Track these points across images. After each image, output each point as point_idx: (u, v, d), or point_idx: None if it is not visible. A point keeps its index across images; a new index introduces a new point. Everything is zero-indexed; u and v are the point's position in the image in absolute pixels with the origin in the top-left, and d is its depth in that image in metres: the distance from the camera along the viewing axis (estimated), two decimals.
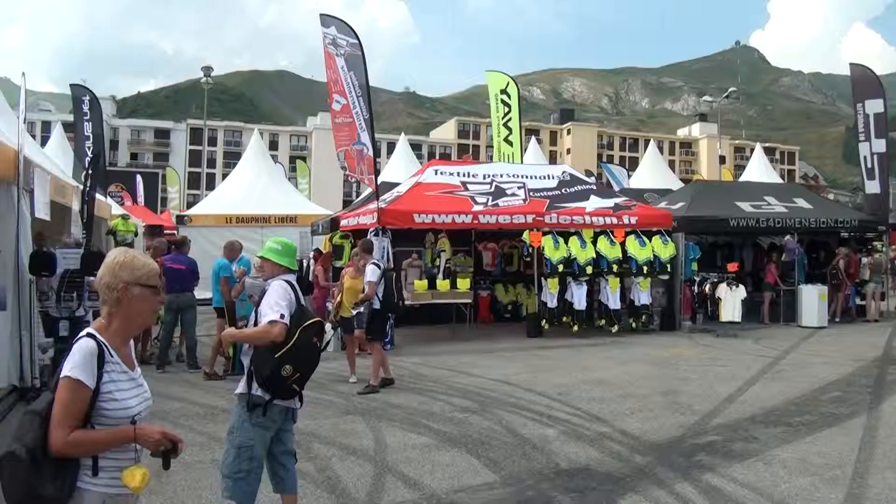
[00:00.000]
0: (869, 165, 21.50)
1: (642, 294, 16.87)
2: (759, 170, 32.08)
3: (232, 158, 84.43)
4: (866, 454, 7.38)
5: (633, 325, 16.94)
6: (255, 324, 4.82)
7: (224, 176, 35.60)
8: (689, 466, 6.90)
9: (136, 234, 19.04)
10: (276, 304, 4.69)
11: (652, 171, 33.04)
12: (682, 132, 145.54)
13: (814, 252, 20.54)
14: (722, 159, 59.08)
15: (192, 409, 9.24)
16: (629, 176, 37.03)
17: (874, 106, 21.30)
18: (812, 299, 18.27)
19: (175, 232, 21.32)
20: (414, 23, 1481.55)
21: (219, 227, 22.97)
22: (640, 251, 16.63)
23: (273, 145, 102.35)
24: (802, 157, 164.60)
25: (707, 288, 17.59)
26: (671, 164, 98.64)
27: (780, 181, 39.20)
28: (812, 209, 20.22)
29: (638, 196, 22.38)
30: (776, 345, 15.23)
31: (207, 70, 41.41)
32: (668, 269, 17.10)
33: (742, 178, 32.16)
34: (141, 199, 36.13)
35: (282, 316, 4.63)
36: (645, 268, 16.67)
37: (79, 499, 2.76)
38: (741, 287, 16.96)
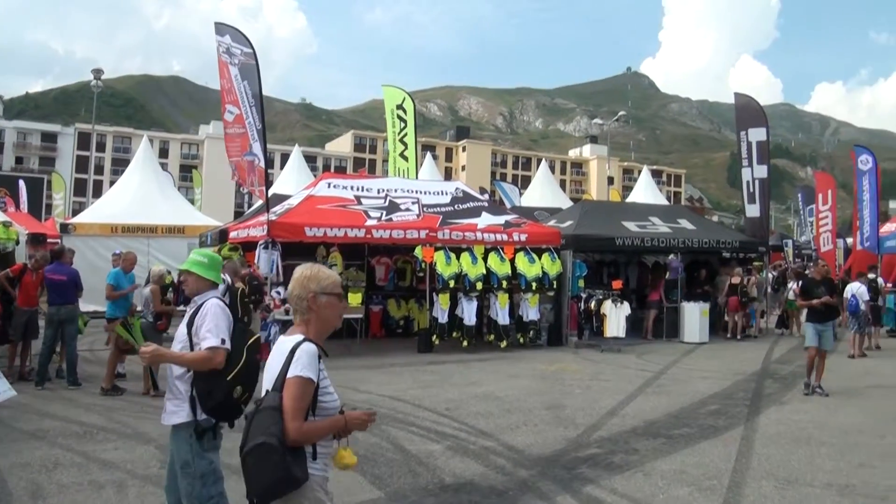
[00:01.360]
0: (751, 190, 22.53)
1: (531, 310, 17.16)
2: (646, 191, 33.10)
3: (120, 165, 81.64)
4: (742, 464, 7.71)
5: (522, 340, 17.17)
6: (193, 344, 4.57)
7: (112, 183, 34.47)
8: (571, 479, 7.05)
9: (17, 243, 18.18)
10: (216, 327, 4.47)
11: (543, 190, 33.68)
12: (573, 153, 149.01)
13: (695, 271, 21.32)
14: (610, 180, 60.65)
15: (71, 429, 8.86)
16: (521, 194, 37.72)
17: (757, 134, 22.35)
18: (694, 316, 18.99)
19: (58, 240, 20.52)
20: (313, 34, 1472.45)
21: (104, 236, 22.17)
22: (529, 268, 16.91)
23: (163, 153, 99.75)
24: (688, 180, 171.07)
25: (593, 304, 18.04)
26: (562, 184, 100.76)
27: (667, 203, 40.49)
28: (695, 230, 21.04)
29: (529, 214, 22.75)
30: (658, 360, 15.74)
31: (98, 73, 39.76)
32: (556, 286, 17.45)
33: (629, 199, 33.11)
34: (24, 205, 34.53)
35: (223, 341, 4.44)
36: (534, 284, 16.94)
37: (308, 481, 3.20)
38: (626, 304, 17.51)
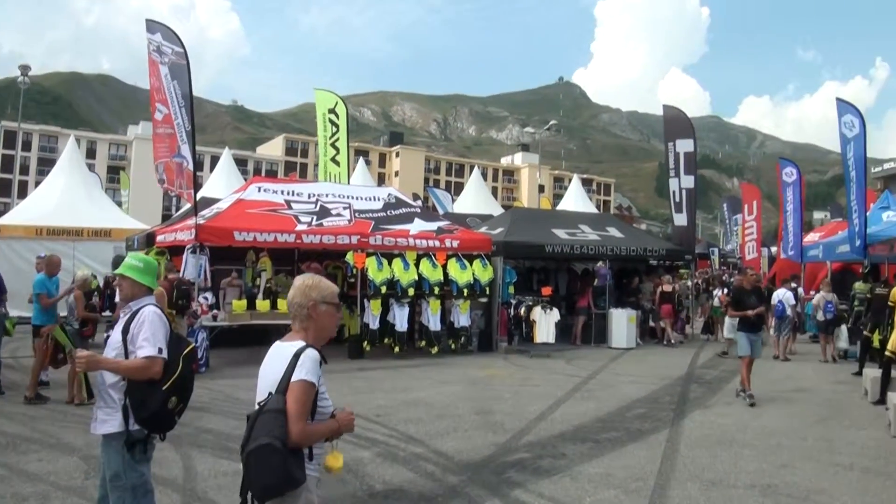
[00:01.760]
0: (678, 199, 23.00)
1: (462, 316, 17.23)
2: (577, 199, 33.48)
3: (46, 165, 79.11)
4: (667, 467, 7.86)
5: (453, 346, 17.25)
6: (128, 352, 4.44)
7: (38, 184, 33.36)
8: (500, 483, 7.09)
9: None
10: (153, 336, 4.37)
11: (475, 197, 33.83)
12: (505, 160, 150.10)
13: (623, 278, 21.67)
14: (541, 188, 61.39)
15: None
16: (454, 200, 37.84)
17: (684, 145, 22.82)
18: (621, 322, 19.31)
19: None
20: (245, 35, 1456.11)
21: (28, 238, 21.55)
22: (460, 274, 16.98)
23: (90, 153, 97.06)
24: (618, 189, 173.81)
25: (523, 310, 18.19)
26: (494, 191, 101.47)
27: (596, 211, 41.04)
28: (623, 238, 21.39)
29: (461, 220, 22.89)
30: (587, 365, 15.95)
31: (25, 69, 38.59)
32: (487, 292, 17.54)
33: (560, 207, 33.48)
34: None
35: (160, 350, 4.34)
36: (465, 290, 17.02)
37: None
38: (555, 310, 17.72)
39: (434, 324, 16.87)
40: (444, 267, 16.94)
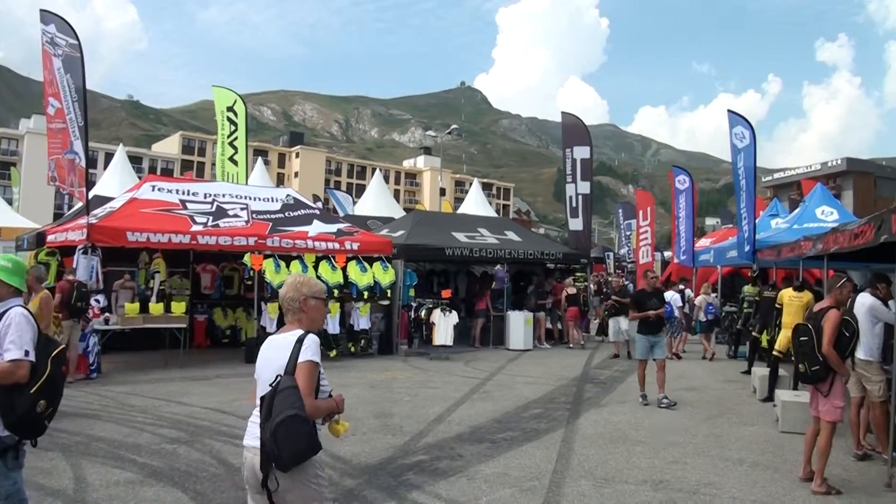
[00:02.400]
0: (574, 205, 23.45)
1: (362, 319, 17.15)
2: (477, 203, 33.69)
3: None
4: (562, 465, 8.01)
5: (352, 349, 17.16)
6: None
7: None
8: (397, 486, 7.08)
9: None
10: (19, 338, 4.15)
11: (376, 199, 33.68)
12: (407, 163, 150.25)
13: (521, 280, 21.96)
14: (443, 191, 61.64)
15: None
16: (354, 203, 37.62)
17: (581, 152, 23.27)
18: (519, 324, 19.58)
19: None
20: (143, 28, 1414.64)
21: None
22: (360, 277, 16.90)
23: None
24: (517, 193, 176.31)
25: (423, 313, 18.24)
26: (396, 194, 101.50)
27: (496, 215, 41.46)
28: (521, 241, 21.70)
29: (361, 223, 22.75)
30: (485, 367, 16.09)
31: None
32: (388, 295, 17.51)
33: (460, 211, 33.64)
34: None
35: (27, 353, 4.13)
36: (365, 293, 16.96)
37: None
38: (454, 312, 17.85)
39: (333, 327, 16.68)
40: (344, 269, 16.81)
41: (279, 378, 3.74)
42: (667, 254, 32.90)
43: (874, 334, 8.75)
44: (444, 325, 17.58)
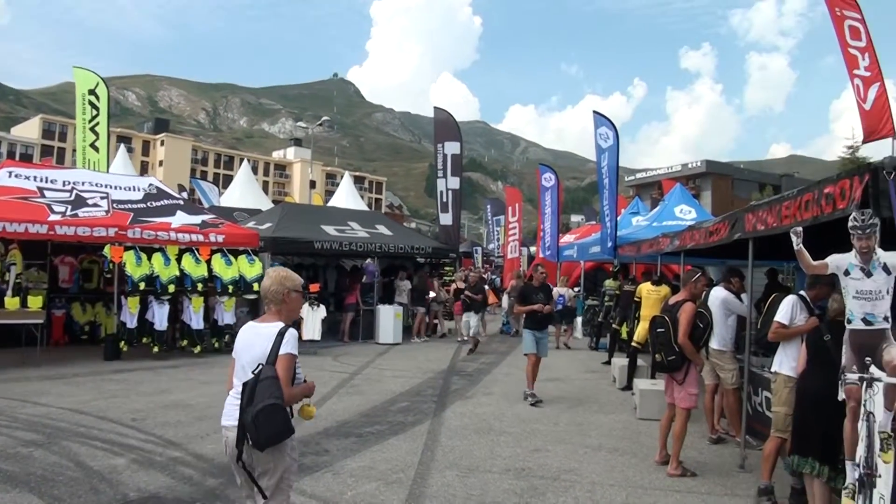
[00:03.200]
0: (444, 199, 23.65)
1: (226, 314, 16.75)
2: (348, 197, 33.44)
3: None
4: (428, 457, 8.08)
5: (217, 345, 16.75)
6: None
7: None
8: None
9: None
10: None
11: (244, 191, 33.00)
12: (277, 154, 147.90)
13: (391, 275, 22.00)
14: (313, 184, 60.67)
15: None
16: (221, 194, 36.75)
17: (452, 147, 23.49)
18: (388, 318, 19.60)
19: None
20: (4, 2, 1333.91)
21: None
22: (225, 270, 16.51)
23: None
24: (389, 187, 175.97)
25: None
26: (265, 186, 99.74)
27: (367, 209, 41.31)
28: (392, 235, 21.70)
29: (227, 214, 22.23)
30: (354, 361, 16.04)
31: None
32: (254, 289, 17.14)
33: (330, 204, 33.36)
34: None
35: None
36: (230, 287, 16.56)
37: None
38: (322, 307, 17.66)
39: (197, 322, 16.25)
40: (208, 262, 16.36)
41: (261, 367, 4.21)
42: (533, 249, 33.58)
43: (727, 326, 9.25)
44: (312, 320, 17.38)
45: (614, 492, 7.07)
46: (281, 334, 4.32)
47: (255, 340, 4.41)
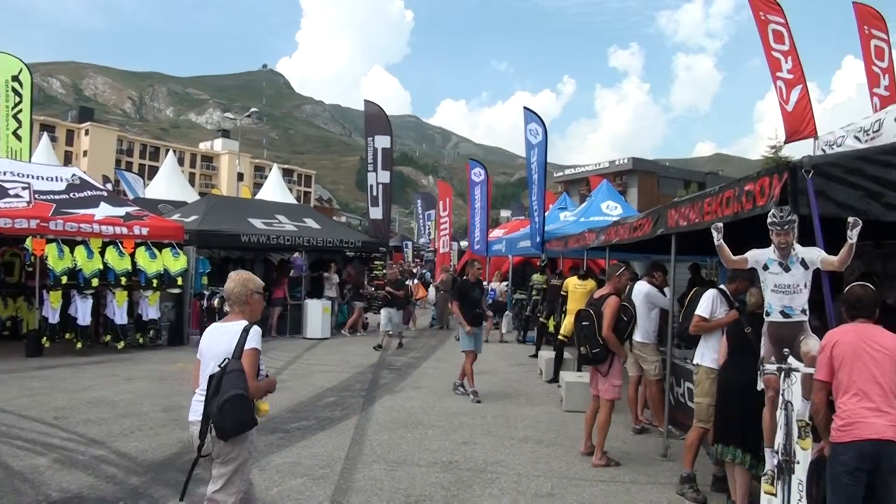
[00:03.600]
0: (374, 193, 23.58)
1: (151, 308, 16.44)
2: (276, 189, 33.14)
3: None
4: (355, 451, 8.08)
5: (141, 340, 16.41)
6: None
7: None
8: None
9: None
10: None
11: (169, 182, 32.42)
12: (204, 146, 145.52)
13: (319, 269, 21.86)
14: (241, 176, 60.03)
15: None
16: (146, 185, 36.03)
17: (382, 141, 23.41)
18: (316, 313, 19.47)
19: None
20: None
21: None
22: (150, 264, 16.20)
23: None
24: (319, 181, 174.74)
25: (216, 302, 17.67)
26: (191, 177, 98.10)
27: (296, 202, 40.95)
28: (320, 229, 21.56)
29: (152, 206, 21.82)
30: (281, 356, 15.90)
31: None
32: (179, 283, 16.87)
33: (258, 196, 33.01)
34: None
35: None
36: (155, 281, 16.27)
37: None
38: None
39: (120, 317, 15.91)
40: (133, 256, 16.02)
41: (227, 361, 4.43)
42: (463, 243, 33.77)
43: (650, 319, 9.47)
44: None
45: (540, 482, 7.18)
46: (246, 331, 4.58)
47: (220, 338, 4.65)
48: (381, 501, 6.52)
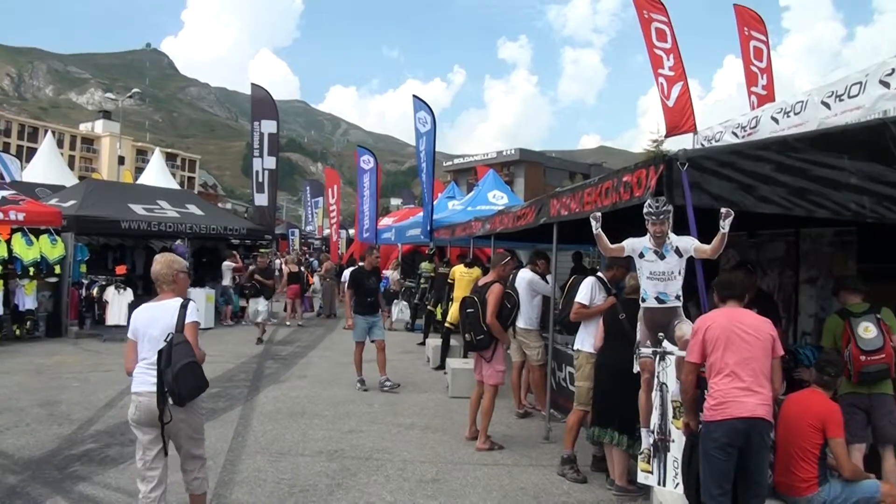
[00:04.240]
0: (260, 180, 23.21)
1: (27, 298, 15.73)
2: (158, 174, 32.10)
3: None
4: (239, 443, 7.99)
5: (17, 332, 15.70)
6: None
7: None
8: (63, 479, 6.69)
9: None
10: None
11: (47, 165, 30.93)
12: (84, 127, 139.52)
13: (203, 256, 21.42)
14: (122, 160, 58.02)
15: None
16: (23, 168, 34.41)
17: (269, 126, 23.04)
18: (199, 302, 19.01)
19: None
20: None
21: None
22: (26, 251, 15.47)
23: None
24: (204, 166, 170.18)
25: (95, 291, 17.07)
26: (71, 160, 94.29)
27: (179, 187, 39.88)
28: (204, 215, 21.06)
29: (29, 190, 20.85)
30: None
31: None
32: (57, 271, 16.21)
33: (140, 181, 31.97)
34: None
35: None
36: (31, 269, 15.55)
37: None
38: (129, 290, 16.82)
39: None
40: (8, 243, 15.28)
41: (171, 335, 4.86)
42: (351, 231, 33.62)
43: (533, 305, 9.68)
44: (118, 304, 16.55)
45: (425, 468, 7.27)
46: (184, 307, 5.05)
47: (158, 315, 5.05)
48: (265, 493, 6.48)
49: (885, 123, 5.57)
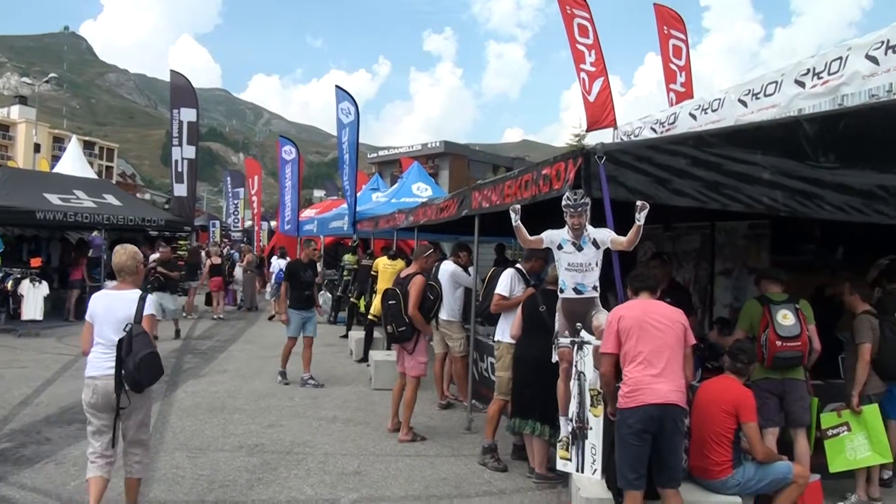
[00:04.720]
0: (179, 169, 22.71)
1: None
2: (75, 163, 31.13)
3: None
4: (156, 440, 7.75)
5: None
6: None
7: None
8: None
9: None
10: None
11: None
12: None
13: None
14: (38, 148, 56.29)
15: None
16: None
17: (188, 114, 22.55)
18: None
19: None
20: None
21: None
22: None
23: None
24: (122, 155, 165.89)
25: (9, 284, 16.50)
26: None
27: (97, 177, 38.79)
28: (121, 206, 20.50)
29: None
30: (79, 342, 15.02)
31: None
32: None
33: (56, 170, 31.05)
34: None
35: None
36: None
37: None
38: (44, 283, 16.30)
39: None
40: None
41: (130, 325, 5.18)
42: (273, 223, 33.25)
43: (455, 297, 9.76)
44: (33, 298, 16.01)
45: (347, 461, 7.26)
46: (143, 299, 5.36)
47: (117, 304, 5.35)
48: (184, 490, 6.40)
49: (798, 121, 5.75)
